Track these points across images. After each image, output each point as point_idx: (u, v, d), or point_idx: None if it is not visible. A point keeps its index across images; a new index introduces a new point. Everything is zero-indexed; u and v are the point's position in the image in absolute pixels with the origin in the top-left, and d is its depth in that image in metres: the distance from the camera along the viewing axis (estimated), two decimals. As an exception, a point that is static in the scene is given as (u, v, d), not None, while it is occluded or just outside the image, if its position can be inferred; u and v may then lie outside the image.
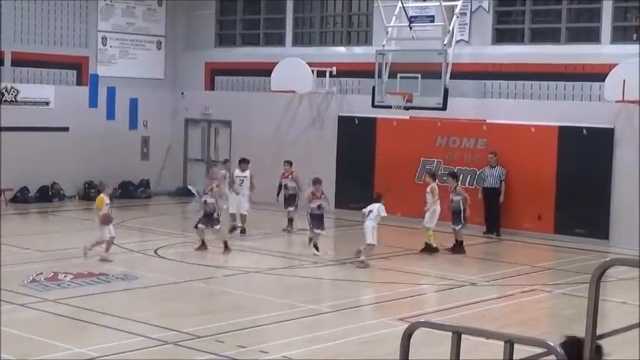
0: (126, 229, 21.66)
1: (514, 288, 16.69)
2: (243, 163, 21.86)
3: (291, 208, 21.78)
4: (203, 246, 19.13)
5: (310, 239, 19.26)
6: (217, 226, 19.11)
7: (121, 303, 14.64)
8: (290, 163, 22.20)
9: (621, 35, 22.34)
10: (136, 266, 17.71)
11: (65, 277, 15.89)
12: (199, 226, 19.16)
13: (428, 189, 19.76)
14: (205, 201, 19.23)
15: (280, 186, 21.91)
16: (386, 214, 18.46)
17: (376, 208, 18.22)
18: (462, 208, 19.60)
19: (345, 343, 12.35)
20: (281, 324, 13.27)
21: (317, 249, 18.99)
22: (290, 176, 22.00)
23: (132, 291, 15.48)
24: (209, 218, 19.04)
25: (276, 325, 13.22)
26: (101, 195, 18.08)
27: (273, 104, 26.81)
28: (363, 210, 18.55)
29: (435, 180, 20.11)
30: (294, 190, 21.75)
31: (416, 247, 20.24)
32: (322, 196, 19.34)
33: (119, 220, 22.42)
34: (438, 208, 19.61)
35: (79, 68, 27.49)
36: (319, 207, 19.15)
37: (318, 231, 19.07)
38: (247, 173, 21.54)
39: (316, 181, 19.47)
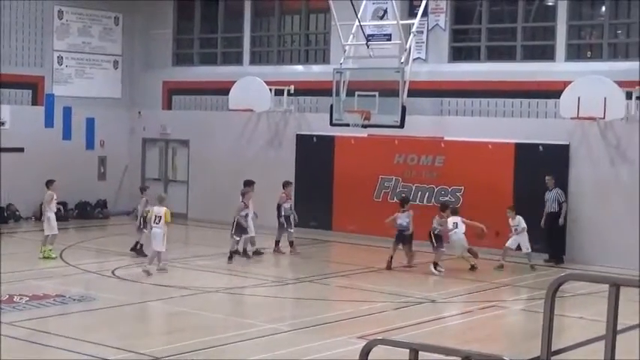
0: (83, 250, 21.47)
1: (473, 304, 16.75)
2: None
3: (291, 230, 21.86)
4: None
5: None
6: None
7: (78, 325, 14.47)
8: (291, 184, 22.22)
9: (575, 53, 22.63)
10: (93, 287, 17.54)
11: (21, 299, 15.69)
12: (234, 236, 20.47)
13: None
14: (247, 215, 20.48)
15: (280, 207, 21.84)
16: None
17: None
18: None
19: (305, 362, 12.30)
20: (240, 343, 13.19)
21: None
22: (289, 198, 22.03)
23: (89, 312, 15.31)
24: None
25: (235, 344, 13.13)
26: (165, 208, 18.78)
27: (231, 123, 26.77)
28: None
29: None
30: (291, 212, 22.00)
31: (375, 264, 20.30)
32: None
33: (77, 240, 22.29)
34: None
35: (34, 88, 27.26)
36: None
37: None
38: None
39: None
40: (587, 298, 15.78)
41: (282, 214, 21.58)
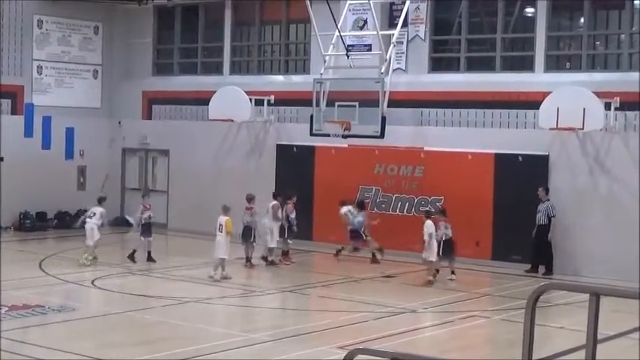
0: (63, 260, 21.38)
1: (453, 314, 16.78)
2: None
3: (290, 241, 22.16)
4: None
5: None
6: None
7: (57, 335, 14.40)
8: (296, 194, 22.44)
9: (554, 64, 22.75)
10: (72, 297, 17.48)
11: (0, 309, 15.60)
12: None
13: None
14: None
15: (287, 218, 22.05)
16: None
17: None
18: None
19: (285, 372, 12.29)
20: (221, 353, 13.16)
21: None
22: (295, 209, 22.26)
23: (69, 323, 15.23)
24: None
25: (215, 354, 13.10)
26: (227, 218, 19.42)
27: (211, 133, 26.75)
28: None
29: None
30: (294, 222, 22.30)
31: (356, 274, 20.33)
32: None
33: (57, 250, 22.18)
34: None
35: (13, 97, 27.12)
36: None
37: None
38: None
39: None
40: (567, 308, 15.84)
41: (291, 224, 22.03)
